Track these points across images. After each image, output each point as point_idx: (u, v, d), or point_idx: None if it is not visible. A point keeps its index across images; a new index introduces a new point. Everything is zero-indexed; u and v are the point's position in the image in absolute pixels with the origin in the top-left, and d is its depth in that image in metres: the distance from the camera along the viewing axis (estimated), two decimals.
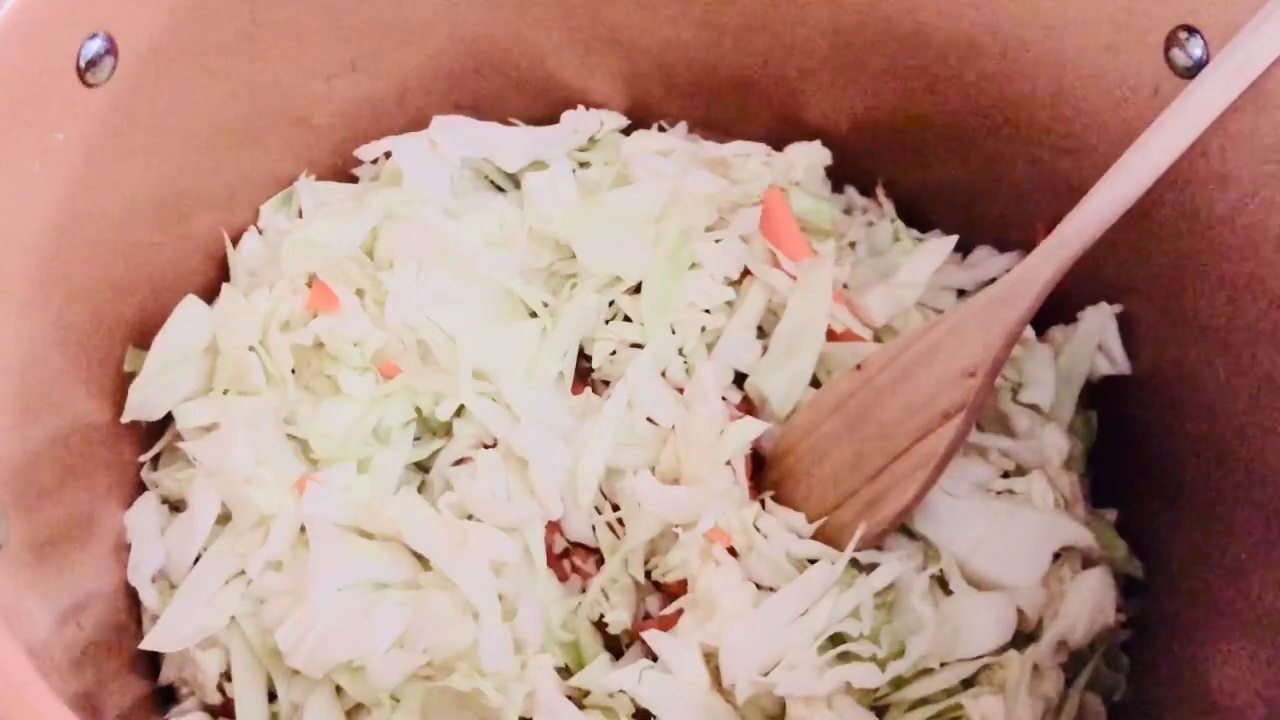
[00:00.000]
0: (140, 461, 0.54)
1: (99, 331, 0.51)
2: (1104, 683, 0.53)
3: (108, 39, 0.46)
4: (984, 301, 0.49)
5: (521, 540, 0.51)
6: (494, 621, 0.48)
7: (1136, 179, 0.46)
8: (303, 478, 0.51)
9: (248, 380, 0.52)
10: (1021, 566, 0.51)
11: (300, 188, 0.59)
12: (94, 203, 0.48)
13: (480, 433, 0.53)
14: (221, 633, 0.49)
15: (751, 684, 0.47)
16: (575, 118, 0.62)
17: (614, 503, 0.53)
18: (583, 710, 0.48)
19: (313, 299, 0.54)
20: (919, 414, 0.50)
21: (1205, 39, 0.46)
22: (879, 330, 0.57)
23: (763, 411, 0.55)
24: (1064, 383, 0.56)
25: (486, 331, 0.54)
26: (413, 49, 0.59)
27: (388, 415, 0.53)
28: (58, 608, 0.46)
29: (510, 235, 0.57)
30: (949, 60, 0.55)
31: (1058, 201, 0.48)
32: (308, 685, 0.48)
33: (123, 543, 0.52)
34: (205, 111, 0.52)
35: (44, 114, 0.44)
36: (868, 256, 0.61)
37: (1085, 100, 0.52)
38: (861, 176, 0.64)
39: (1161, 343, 0.54)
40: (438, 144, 0.59)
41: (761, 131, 0.62)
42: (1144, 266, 0.53)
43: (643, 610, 0.52)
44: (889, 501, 0.50)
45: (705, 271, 0.57)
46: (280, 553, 0.50)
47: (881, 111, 0.60)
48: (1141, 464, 0.55)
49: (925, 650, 0.49)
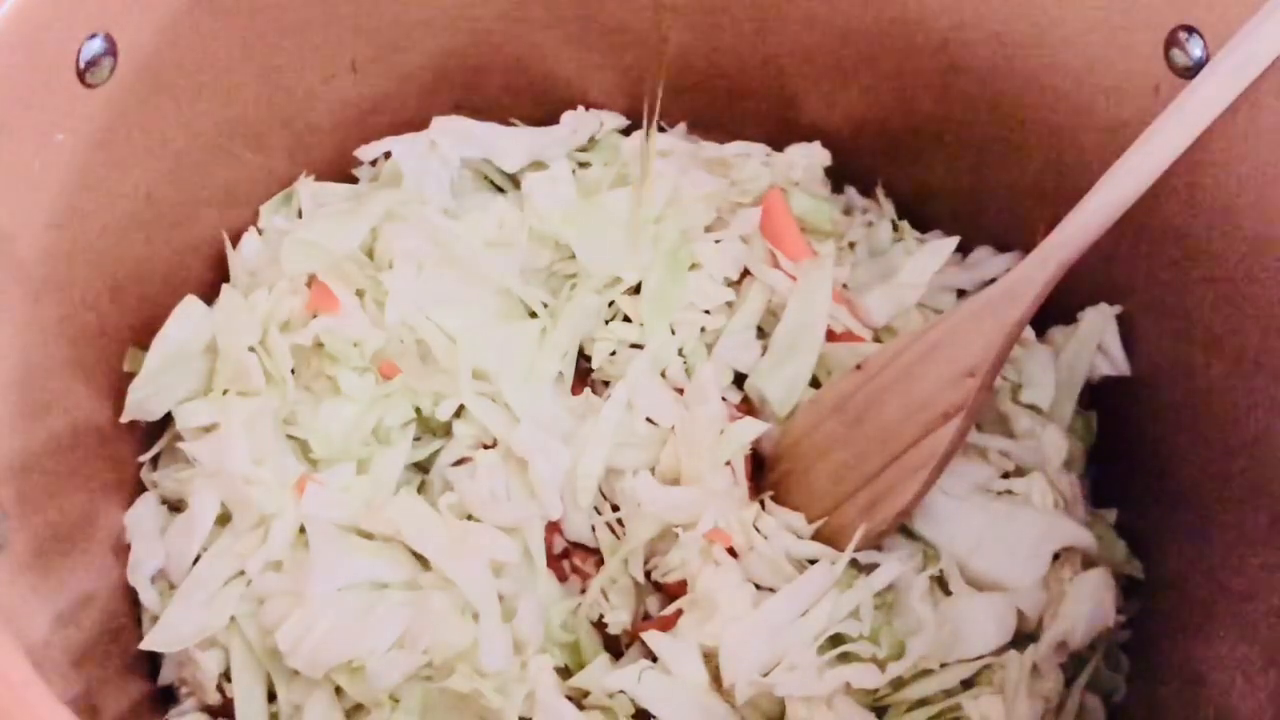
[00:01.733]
0: (140, 462, 0.54)
1: (99, 331, 0.51)
2: (1104, 683, 0.53)
3: (108, 39, 0.46)
4: (984, 302, 0.49)
5: (521, 540, 0.51)
6: (494, 622, 0.48)
7: (1136, 179, 0.46)
8: (302, 478, 0.51)
9: (247, 380, 0.52)
10: (1021, 567, 0.51)
11: (300, 188, 0.58)
12: (94, 203, 0.48)
13: (480, 433, 0.53)
14: (221, 633, 0.49)
15: (751, 684, 0.47)
16: (575, 118, 0.62)
17: (614, 503, 0.53)
18: (582, 710, 0.48)
19: (312, 299, 0.54)
20: (919, 414, 0.50)
21: (1205, 39, 0.46)
22: (879, 330, 0.57)
23: (762, 412, 0.55)
24: (1064, 383, 0.56)
25: (486, 332, 0.54)
26: (412, 49, 0.59)
27: (387, 415, 0.53)
28: (58, 608, 0.46)
29: (510, 235, 0.57)
30: (948, 60, 0.55)
31: (1058, 201, 0.48)
32: (308, 685, 0.48)
33: (123, 543, 0.52)
34: (205, 111, 0.52)
35: (44, 114, 0.44)
36: (868, 257, 0.61)
37: (1085, 100, 0.52)
38: (861, 176, 0.64)
39: (1161, 343, 0.54)
40: (438, 144, 0.59)
41: (761, 132, 0.62)
42: (1144, 266, 0.53)
43: (642, 610, 0.52)
44: (889, 502, 0.50)
45: (705, 272, 0.57)
46: (280, 553, 0.50)
47: (881, 112, 0.60)
48: (1141, 464, 0.55)
49: (925, 651, 0.49)
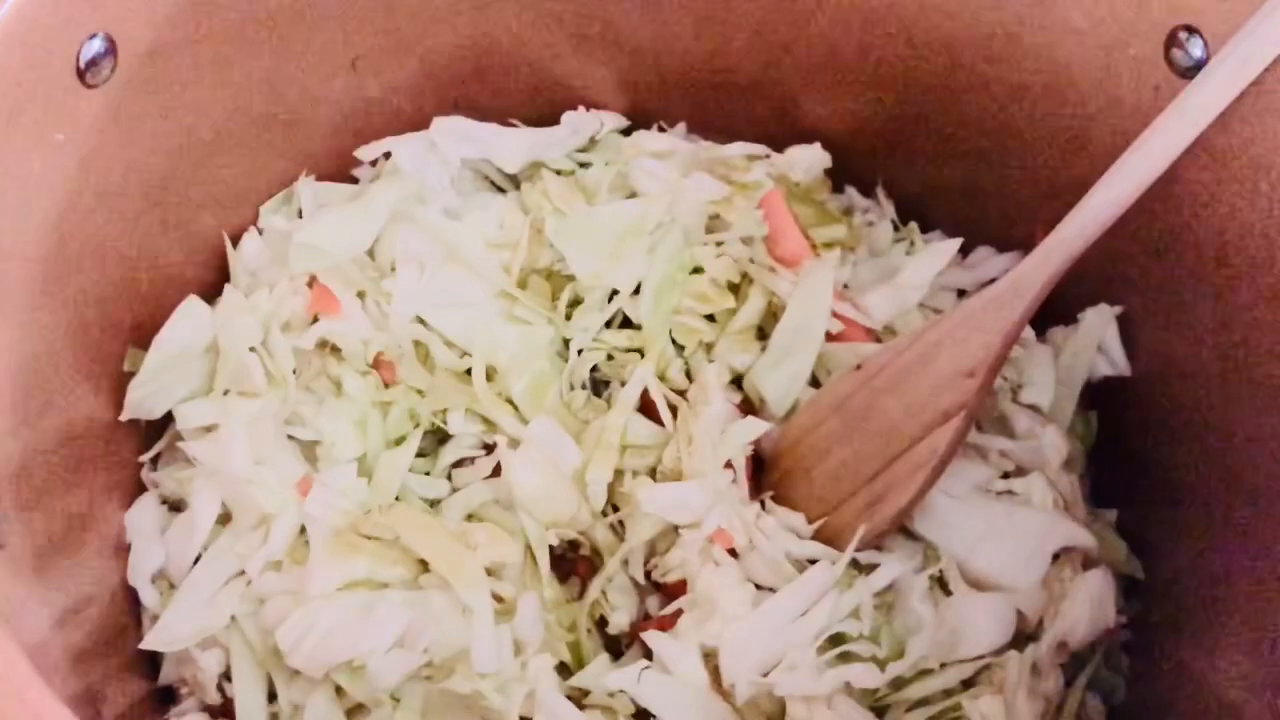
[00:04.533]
0: (140, 461, 0.54)
1: (99, 331, 0.51)
2: (1104, 683, 0.53)
3: (108, 39, 0.46)
4: (984, 301, 0.49)
5: (522, 540, 0.51)
6: (487, 624, 0.48)
7: (1136, 179, 0.46)
8: (305, 478, 0.51)
9: (249, 381, 0.52)
10: (1021, 567, 0.51)
11: (300, 188, 0.58)
12: (94, 203, 0.48)
13: (482, 433, 0.53)
14: (221, 633, 0.49)
15: (751, 684, 0.47)
16: (575, 118, 0.62)
17: (614, 503, 0.53)
18: (583, 710, 0.48)
19: (313, 301, 0.54)
20: (919, 414, 0.50)
21: (1205, 39, 0.46)
22: (879, 331, 0.57)
23: (761, 411, 0.55)
24: (1064, 383, 0.56)
25: (489, 333, 0.54)
26: (413, 49, 0.59)
27: (389, 417, 0.53)
28: (58, 608, 0.46)
29: (510, 236, 0.57)
30: (948, 61, 0.55)
31: (1058, 201, 0.48)
32: (308, 685, 0.48)
33: (123, 543, 0.52)
34: (205, 111, 0.52)
35: (44, 114, 0.44)
36: (868, 257, 0.61)
37: (1085, 100, 0.52)
38: (861, 176, 0.64)
39: (1161, 343, 0.54)
40: (438, 144, 0.59)
41: (761, 132, 0.62)
42: (1144, 267, 0.53)
43: (643, 610, 0.52)
44: (889, 502, 0.50)
45: (705, 274, 0.57)
46: (280, 553, 0.50)
47: (881, 112, 0.60)
48: (1141, 464, 0.55)
49: (925, 651, 0.49)
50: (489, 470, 0.53)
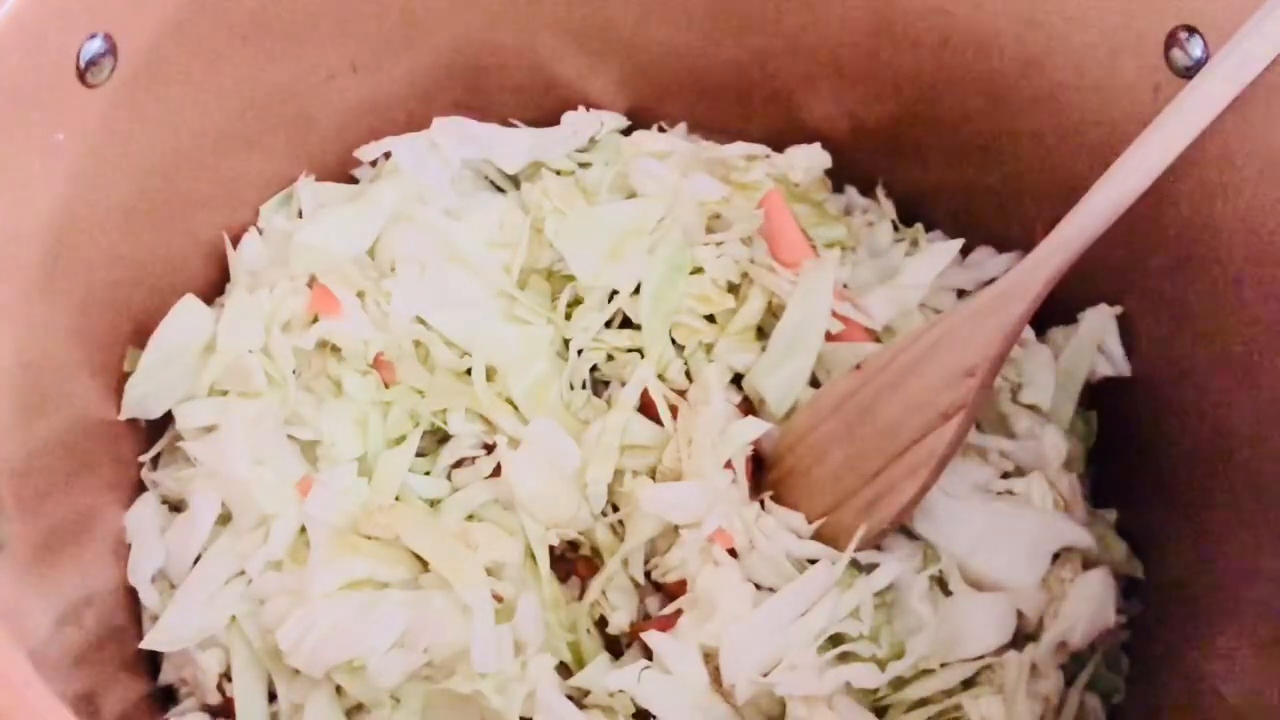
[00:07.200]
0: (140, 461, 0.54)
1: (99, 331, 0.51)
2: (1104, 684, 0.53)
3: (108, 39, 0.46)
4: (983, 301, 0.49)
5: (523, 540, 0.51)
6: (487, 624, 0.48)
7: (1136, 179, 0.46)
8: (305, 478, 0.51)
9: (249, 381, 0.52)
10: (1021, 567, 0.51)
11: (300, 188, 0.59)
12: (94, 203, 0.48)
13: (482, 433, 0.53)
14: (221, 633, 0.50)
15: (751, 684, 0.47)
16: (575, 119, 0.62)
17: (614, 503, 0.53)
18: (583, 710, 0.48)
19: (313, 302, 0.54)
20: (918, 414, 0.50)
21: (1205, 39, 0.46)
22: (879, 331, 0.57)
23: (761, 411, 0.55)
24: (1064, 383, 0.56)
25: (489, 333, 0.54)
26: (413, 49, 0.59)
27: (390, 417, 0.53)
28: (58, 608, 0.46)
29: (510, 236, 0.57)
30: (948, 61, 0.55)
31: (1058, 201, 0.48)
32: (308, 685, 0.48)
33: (123, 543, 0.52)
34: (205, 111, 0.52)
35: (44, 114, 0.44)
36: (868, 257, 0.61)
37: (1085, 100, 0.52)
38: (861, 176, 0.64)
39: (1161, 343, 0.54)
40: (438, 144, 0.59)
41: (761, 133, 0.62)
42: (1144, 267, 0.53)
43: (643, 610, 0.52)
44: (889, 501, 0.50)
45: (705, 274, 0.57)
46: (280, 553, 0.50)
47: (881, 112, 0.60)
48: (1141, 464, 0.55)
49: (925, 651, 0.49)
50: (489, 470, 0.53)
